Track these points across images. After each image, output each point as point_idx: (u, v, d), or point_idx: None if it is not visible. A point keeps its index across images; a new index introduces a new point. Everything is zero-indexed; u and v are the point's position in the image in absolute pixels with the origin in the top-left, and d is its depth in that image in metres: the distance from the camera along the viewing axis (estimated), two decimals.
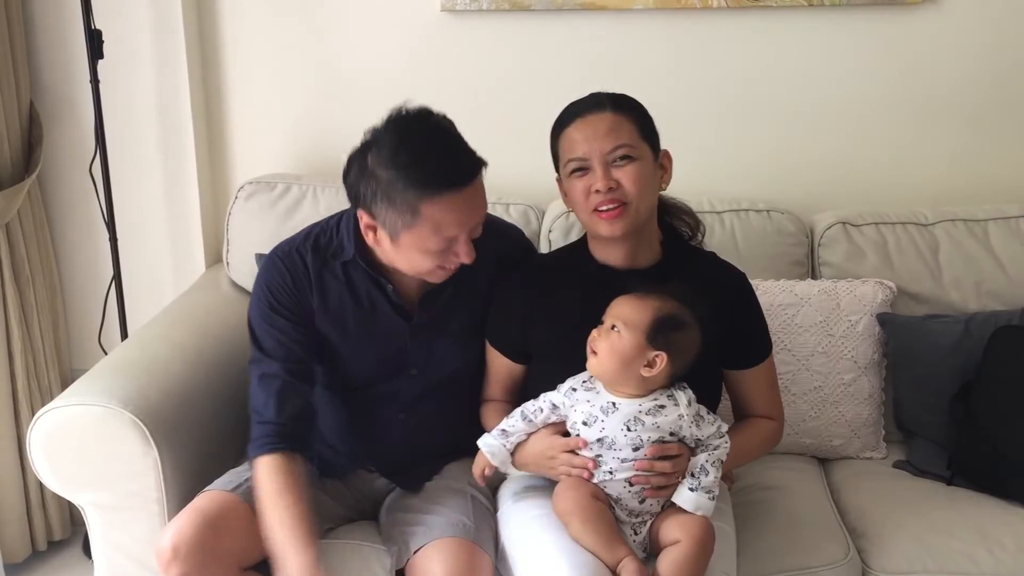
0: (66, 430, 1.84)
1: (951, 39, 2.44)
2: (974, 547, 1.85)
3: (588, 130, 1.73)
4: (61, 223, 2.65)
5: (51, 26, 2.50)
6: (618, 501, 1.67)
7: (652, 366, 1.64)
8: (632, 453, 1.64)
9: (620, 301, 1.68)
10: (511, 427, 1.74)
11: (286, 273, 1.83)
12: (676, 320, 1.65)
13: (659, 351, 1.64)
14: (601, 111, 1.74)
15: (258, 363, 1.80)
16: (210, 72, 2.57)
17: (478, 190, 1.71)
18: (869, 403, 2.20)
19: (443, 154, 1.67)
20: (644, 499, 1.66)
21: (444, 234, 1.68)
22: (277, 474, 1.70)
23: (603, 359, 1.66)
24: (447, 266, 1.75)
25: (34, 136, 2.50)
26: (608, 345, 1.65)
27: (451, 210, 1.66)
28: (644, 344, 1.64)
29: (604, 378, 1.68)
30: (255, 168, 2.57)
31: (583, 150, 1.73)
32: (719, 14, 2.45)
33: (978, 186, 2.50)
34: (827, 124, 2.51)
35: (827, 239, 2.33)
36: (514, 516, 1.77)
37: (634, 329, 1.64)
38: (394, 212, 1.67)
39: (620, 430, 1.65)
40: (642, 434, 1.64)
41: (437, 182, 1.64)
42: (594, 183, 1.72)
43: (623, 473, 1.65)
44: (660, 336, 1.64)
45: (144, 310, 2.52)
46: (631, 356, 1.64)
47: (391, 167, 1.65)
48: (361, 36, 2.51)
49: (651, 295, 1.67)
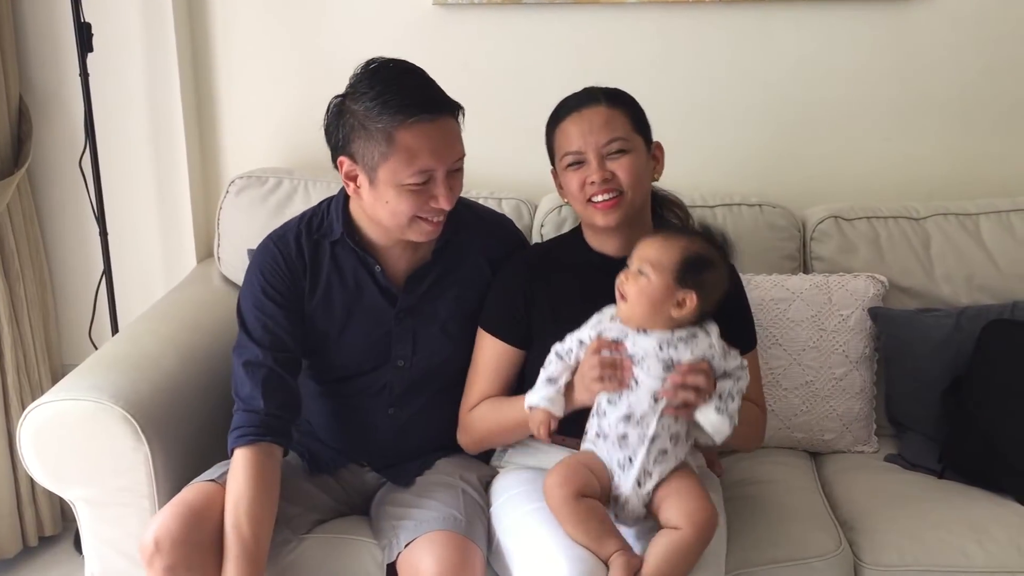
0: (56, 425, 1.83)
1: (944, 34, 2.44)
2: (965, 540, 1.85)
3: (583, 124, 1.77)
4: (51, 217, 2.64)
5: (40, 19, 2.49)
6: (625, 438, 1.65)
7: (682, 306, 1.64)
8: (663, 372, 1.63)
9: (646, 243, 1.69)
10: (553, 371, 1.71)
11: (279, 256, 1.84)
12: (704, 259, 1.66)
13: (688, 291, 1.64)
14: (596, 105, 1.79)
15: (244, 349, 1.79)
16: (200, 65, 2.56)
17: (453, 128, 1.73)
18: (860, 397, 2.20)
19: (417, 84, 1.72)
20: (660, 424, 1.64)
21: (418, 164, 1.69)
22: (256, 469, 1.70)
23: (633, 303, 1.65)
24: (428, 216, 1.75)
25: (23, 130, 2.48)
26: (637, 289, 1.65)
27: (425, 137, 1.68)
28: (673, 285, 1.64)
29: (634, 322, 1.67)
30: (246, 162, 2.56)
31: (579, 144, 1.77)
32: (712, 8, 2.44)
33: (970, 180, 2.51)
34: (819, 118, 2.51)
35: (819, 233, 2.33)
36: (509, 511, 1.77)
37: (662, 271, 1.64)
38: (371, 144, 1.69)
39: (653, 348, 1.64)
40: (674, 355, 1.64)
41: (411, 108, 1.67)
42: (590, 175, 1.76)
43: (651, 384, 1.63)
44: (689, 276, 1.64)
45: (135, 305, 2.51)
46: (661, 297, 1.64)
47: (366, 99, 1.70)
48: (353, 30, 2.50)
49: (677, 235, 1.68)
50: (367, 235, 1.84)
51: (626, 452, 1.66)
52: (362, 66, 1.75)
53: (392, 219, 1.76)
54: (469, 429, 1.87)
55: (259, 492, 1.68)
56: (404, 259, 1.86)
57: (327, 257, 1.85)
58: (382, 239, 1.84)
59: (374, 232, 1.83)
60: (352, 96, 1.73)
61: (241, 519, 1.66)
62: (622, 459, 1.67)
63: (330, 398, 1.92)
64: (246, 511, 1.67)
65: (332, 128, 1.76)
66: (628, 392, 1.65)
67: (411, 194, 1.72)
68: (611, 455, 1.68)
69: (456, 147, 1.74)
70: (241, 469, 1.70)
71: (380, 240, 1.84)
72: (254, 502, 1.67)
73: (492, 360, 1.86)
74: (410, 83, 1.72)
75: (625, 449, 1.66)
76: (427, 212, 1.74)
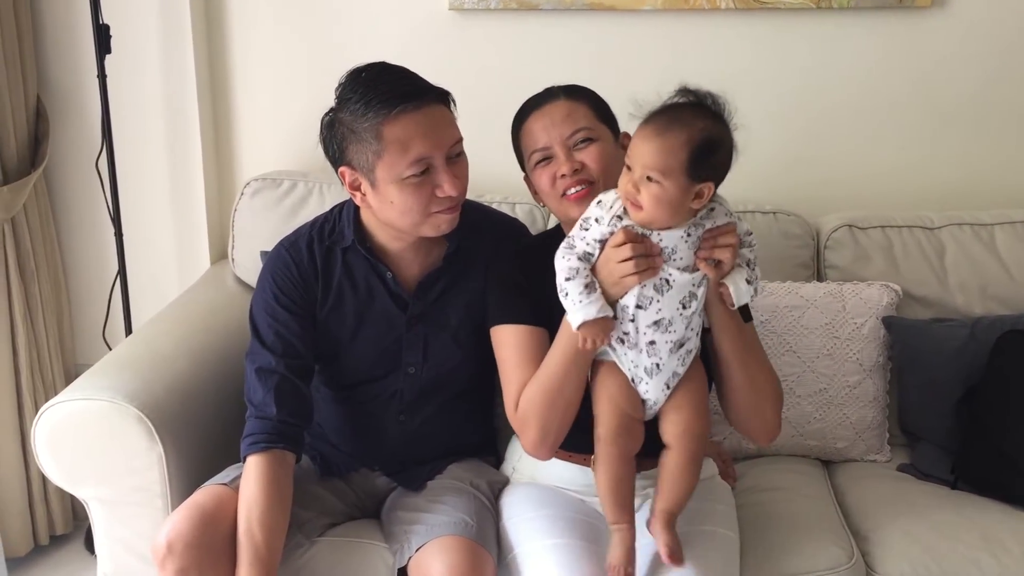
0: (70, 424, 1.84)
1: (959, 42, 2.43)
2: (978, 552, 1.84)
3: (545, 119, 1.77)
4: (67, 218, 2.65)
5: (59, 21, 2.50)
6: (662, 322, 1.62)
7: (701, 196, 1.57)
8: (692, 259, 1.60)
9: (643, 148, 1.56)
10: (586, 277, 1.61)
11: (291, 263, 1.84)
12: (709, 142, 1.55)
13: (705, 182, 1.56)
14: (555, 100, 1.79)
15: (256, 355, 1.80)
16: (217, 68, 2.57)
17: (443, 114, 1.73)
18: (874, 406, 2.19)
19: (396, 78, 1.72)
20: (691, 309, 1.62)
21: (412, 154, 1.68)
22: (269, 476, 1.70)
23: (650, 211, 1.57)
24: (438, 209, 1.73)
25: (40, 130, 2.50)
26: (651, 197, 1.55)
27: (413, 125, 1.68)
28: (687, 183, 1.55)
29: (654, 225, 1.59)
30: (261, 165, 2.57)
31: (544, 139, 1.76)
32: (727, 15, 2.44)
33: (985, 190, 2.50)
34: (834, 126, 2.50)
35: (833, 242, 2.33)
36: (522, 524, 1.76)
37: (672, 173, 1.54)
38: (363, 146, 1.69)
39: (680, 238, 1.60)
40: (701, 234, 1.61)
41: (393, 100, 1.67)
42: (559, 168, 1.74)
43: (685, 282, 1.60)
44: (701, 168, 1.55)
45: (149, 306, 2.51)
46: (679, 199, 1.56)
47: (351, 104, 1.70)
48: (368, 34, 2.51)
49: (672, 127, 1.55)
50: (378, 241, 1.84)
51: (653, 359, 1.64)
52: (344, 75, 1.75)
53: (403, 218, 1.74)
54: (527, 419, 1.70)
55: (272, 499, 1.69)
56: (416, 265, 1.86)
57: (339, 264, 1.85)
58: (394, 244, 1.83)
59: (385, 238, 1.83)
60: (339, 106, 1.73)
61: (254, 526, 1.66)
62: (649, 366, 1.65)
63: (342, 404, 1.92)
64: (259, 518, 1.67)
65: (327, 142, 1.76)
66: (659, 296, 1.61)
67: (414, 187, 1.70)
68: (637, 362, 1.65)
69: (449, 131, 1.73)
70: (254, 476, 1.70)
71: (392, 246, 1.84)
72: (267, 509, 1.68)
73: (516, 351, 1.73)
74: (390, 79, 1.71)
75: (653, 356, 1.64)
76: (436, 204, 1.73)
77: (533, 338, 1.73)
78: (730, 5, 2.41)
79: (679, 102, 1.62)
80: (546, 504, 1.78)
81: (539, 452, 1.73)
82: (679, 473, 1.66)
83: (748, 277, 1.64)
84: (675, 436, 1.68)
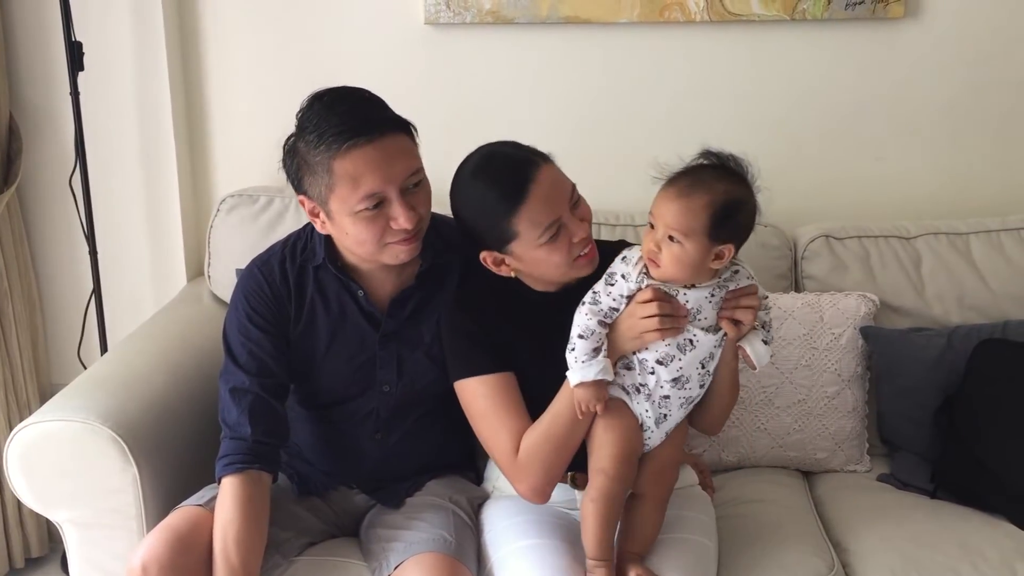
0: (44, 446, 1.82)
1: (932, 54, 2.45)
2: (958, 561, 1.85)
3: (546, 187, 1.69)
4: (40, 236, 2.62)
5: (31, 38, 2.48)
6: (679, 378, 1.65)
7: (721, 257, 1.60)
8: (715, 319, 1.63)
9: (666, 208, 1.59)
10: (595, 342, 1.63)
11: (263, 283, 1.83)
12: (731, 205, 1.58)
13: (726, 243, 1.59)
14: (545, 164, 1.70)
15: (230, 375, 1.78)
16: (192, 84, 2.56)
17: (398, 145, 1.69)
18: (853, 416, 2.20)
19: (348, 109, 1.68)
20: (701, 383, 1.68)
21: (363, 189, 1.66)
22: (245, 497, 1.68)
23: (669, 269, 1.60)
24: (393, 240, 1.71)
25: (13, 148, 2.48)
26: (672, 256, 1.59)
27: (363, 161, 1.65)
28: (708, 244, 1.58)
29: (676, 283, 1.63)
30: (237, 181, 2.55)
31: (556, 210, 1.67)
32: (702, 28, 2.45)
33: (960, 198, 2.51)
34: (810, 138, 2.51)
35: (810, 252, 2.34)
36: (501, 545, 1.75)
37: (694, 235, 1.57)
38: (316, 179, 1.68)
39: (705, 298, 1.62)
40: (724, 294, 1.64)
41: (343, 135, 1.65)
42: (574, 234, 1.69)
43: (708, 343, 1.64)
44: (723, 230, 1.58)
45: (124, 324, 2.49)
46: (699, 260, 1.59)
47: (306, 134, 1.68)
48: (344, 49, 2.50)
49: (694, 189, 1.58)
50: (349, 260, 1.82)
51: (663, 411, 1.68)
52: (306, 99, 1.72)
53: (360, 248, 1.74)
54: (530, 466, 1.69)
55: (248, 520, 1.67)
56: (388, 283, 1.84)
57: (311, 282, 1.84)
58: (365, 264, 1.82)
59: (355, 257, 1.81)
60: (298, 134, 1.72)
61: (230, 547, 1.65)
62: (659, 417, 1.68)
63: (317, 423, 1.91)
64: (235, 539, 1.65)
65: (288, 169, 1.75)
66: (680, 355, 1.64)
67: (367, 221, 1.68)
68: (648, 411, 1.68)
69: (404, 162, 1.69)
70: (230, 497, 1.68)
71: (363, 266, 1.82)
72: (243, 530, 1.66)
73: (493, 401, 1.73)
74: (341, 110, 1.67)
75: (663, 408, 1.68)
76: (391, 235, 1.71)
77: (503, 383, 1.73)
78: (705, 18, 2.42)
79: (702, 164, 1.64)
80: (524, 511, 1.78)
81: (539, 497, 1.72)
82: (649, 518, 1.71)
83: (764, 339, 1.67)
84: (648, 483, 1.71)
